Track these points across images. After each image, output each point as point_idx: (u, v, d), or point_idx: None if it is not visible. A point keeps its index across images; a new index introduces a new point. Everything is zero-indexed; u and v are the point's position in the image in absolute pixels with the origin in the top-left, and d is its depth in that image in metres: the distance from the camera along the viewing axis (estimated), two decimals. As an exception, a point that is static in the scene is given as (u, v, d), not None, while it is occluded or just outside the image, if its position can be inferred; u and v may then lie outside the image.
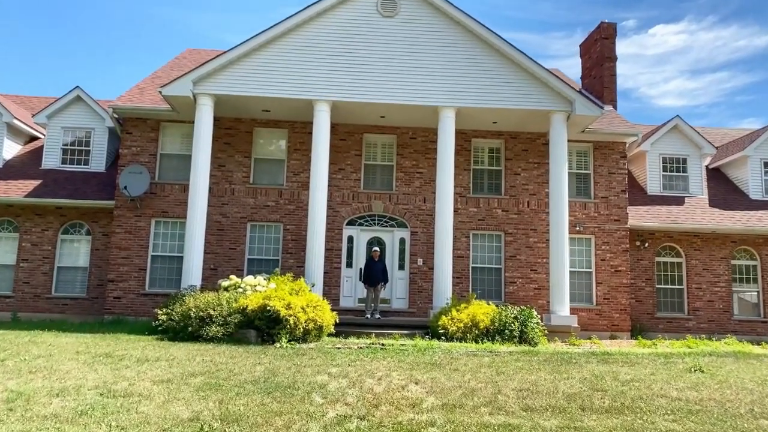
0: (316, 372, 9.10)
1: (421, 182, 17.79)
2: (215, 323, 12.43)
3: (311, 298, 13.02)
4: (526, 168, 18.06)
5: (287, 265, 17.22)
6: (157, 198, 17.41)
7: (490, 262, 17.77)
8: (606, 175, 18.20)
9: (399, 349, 12.00)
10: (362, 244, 17.53)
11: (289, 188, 17.60)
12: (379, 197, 17.62)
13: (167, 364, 9.38)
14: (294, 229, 17.42)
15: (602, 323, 17.46)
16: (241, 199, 17.48)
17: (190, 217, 15.46)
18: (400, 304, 17.31)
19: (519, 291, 17.50)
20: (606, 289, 17.68)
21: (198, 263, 15.37)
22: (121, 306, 16.87)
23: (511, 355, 11.84)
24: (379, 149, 18.08)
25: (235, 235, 17.34)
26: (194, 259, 15.32)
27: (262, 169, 17.80)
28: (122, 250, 17.12)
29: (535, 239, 17.76)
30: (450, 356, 11.35)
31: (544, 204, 17.88)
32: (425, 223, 17.59)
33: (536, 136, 18.18)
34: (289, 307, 12.41)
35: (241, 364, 9.59)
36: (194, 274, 15.25)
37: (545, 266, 17.59)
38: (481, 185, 18.12)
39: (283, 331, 12.25)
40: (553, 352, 12.41)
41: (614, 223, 17.95)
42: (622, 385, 8.97)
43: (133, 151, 17.57)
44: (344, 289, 17.31)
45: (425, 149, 17.93)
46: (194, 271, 15.27)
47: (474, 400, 7.68)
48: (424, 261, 17.41)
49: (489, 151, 18.28)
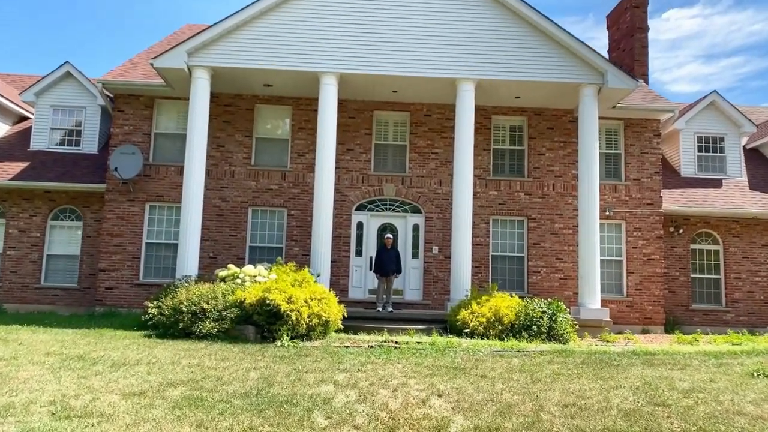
0: (319, 380, 7.63)
1: (436, 163, 16.22)
2: (209, 318, 10.99)
3: (316, 290, 11.53)
4: (551, 147, 16.43)
5: (292, 254, 15.75)
6: (152, 181, 15.95)
7: (511, 250, 16.20)
8: (638, 155, 16.53)
9: (415, 349, 10.52)
10: (373, 230, 16.02)
11: (293, 170, 16.09)
12: (391, 180, 16.09)
13: (146, 369, 7.94)
14: (299, 215, 15.93)
15: (633, 316, 15.89)
16: (242, 182, 15.99)
17: (186, 201, 14.00)
18: (413, 296, 15.81)
19: (543, 281, 15.95)
20: (638, 279, 16.08)
21: (194, 251, 13.93)
22: (114, 297, 15.49)
23: (542, 356, 10.32)
24: (390, 128, 16.50)
25: (235, 220, 15.87)
26: (190, 246, 13.88)
27: (265, 149, 16.28)
28: (114, 237, 15.71)
29: (560, 225, 16.16)
30: (474, 357, 9.85)
31: (571, 187, 16.26)
32: (441, 207, 16.04)
33: (562, 113, 16.52)
34: (290, 301, 10.94)
35: (233, 369, 8.13)
36: (190, 263, 13.82)
37: (572, 254, 16.02)
38: (502, 167, 16.52)
39: (284, 327, 10.79)
40: (589, 352, 10.88)
41: (647, 208, 16.31)
42: (684, 398, 7.44)
43: (125, 131, 16.10)
44: (353, 279, 15.83)
45: (441, 127, 16.33)
46: (190, 260, 13.83)
47: (513, 422, 6.17)
48: (440, 249, 15.89)
49: (511, 129, 16.65)
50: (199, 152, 14.11)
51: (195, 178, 14.03)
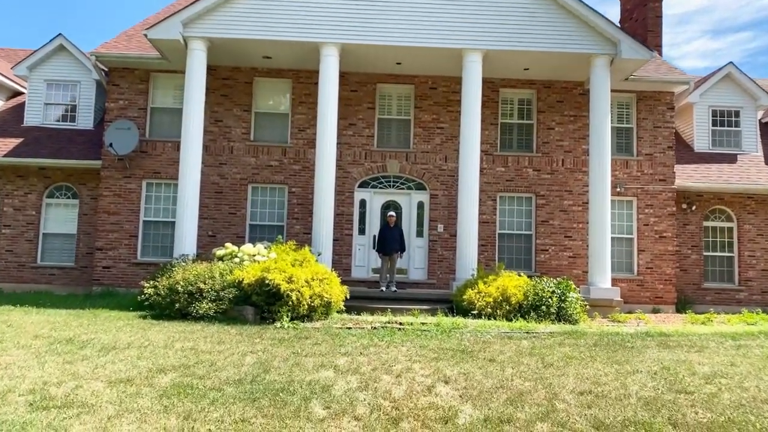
0: (319, 365, 7.19)
1: (442, 138, 15.63)
2: (206, 299, 10.55)
3: (317, 269, 11.07)
4: (560, 122, 15.81)
5: (293, 232, 15.28)
6: (148, 157, 15.43)
7: (519, 227, 15.68)
8: (650, 129, 15.90)
9: (420, 330, 10.08)
10: (376, 208, 15.51)
11: (294, 146, 15.54)
12: (395, 156, 15.52)
13: (137, 353, 7.52)
14: (300, 192, 15.41)
15: (644, 295, 15.41)
16: (241, 159, 15.46)
17: (183, 178, 13.50)
18: (418, 275, 15.35)
19: (551, 260, 15.45)
20: (649, 257, 15.56)
21: (192, 229, 13.46)
22: (111, 276, 15.08)
23: (552, 337, 9.87)
24: (394, 101, 15.89)
25: (234, 198, 15.37)
26: (187, 224, 13.41)
27: (264, 124, 15.71)
28: (111, 215, 15.25)
29: (570, 202, 15.61)
30: (481, 339, 9.40)
31: (581, 162, 15.68)
32: (446, 184, 15.49)
33: (573, 86, 15.86)
34: (290, 281, 10.48)
35: (228, 353, 7.70)
36: (188, 241, 13.36)
37: (581, 232, 15.49)
38: (509, 141, 15.92)
39: (284, 308, 10.35)
40: (601, 333, 10.42)
41: (659, 184, 15.73)
42: (706, 383, 6.97)
43: (121, 105, 15.54)
44: (356, 258, 15.36)
45: (447, 101, 15.71)
46: (188, 239, 13.37)
47: (525, 411, 5.72)
48: (446, 227, 15.38)
49: (519, 102, 16.02)
50: (195, 127, 13.57)
51: (192, 154, 13.51)
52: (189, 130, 13.52)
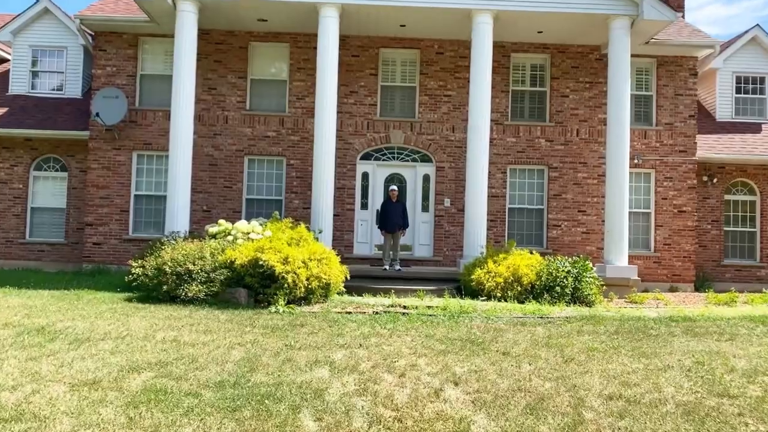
0: (313, 361, 6.38)
1: (449, 107, 14.61)
2: (196, 281, 9.74)
3: (315, 249, 10.22)
4: (575, 89, 14.75)
5: (292, 207, 14.41)
6: (139, 127, 14.50)
7: (530, 201, 14.76)
8: (671, 97, 14.82)
9: (425, 315, 9.27)
10: (379, 181, 14.60)
11: (292, 115, 14.56)
12: (399, 126, 14.54)
13: (112, 347, 6.73)
14: (299, 164, 14.49)
15: (661, 273, 14.54)
16: (237, 129, 14.51)
17: (173, 150, 12.59)
18: (423, 252, 14.51)
19: (564, 236, 14.56)
20: (666, 232, 14.65)
21: (184, 205, 12.61)
22: (102, 253, 14.31)
23: (569, 323, 9.04)
24: (398, 67, 14.83)
25: (230, 171, 14.47)
26: (179, 199, 12.54)
27: (261, 92, 14.71)
28: (100, 189, 14.40)
29: (584, 174, 14.64)
30: (492, 327, 8.58)
31: (597, 132, 14.66)
32: (454, 156, 14.53)
33: (588, 50, 14.75)
34: (286, 262, 9.65)
35: (213, 345, 6.90)
36: (179, 218, 12.52)
37: (595, 206, 14.57)
38: (521, 110, 14.89)
39: (279, 291, 9.54)
40: (621, 318, 9.59)
41: (679, 155, 14.72)
42: (749, 383, 6.14)
43: (108, 72, 14.55)
44: (358, 234, 14.51)
45: (454, 67, 14.64)
46: (179, 215, 12.52)
47: (549, 424, 4.90)
48: (453, 201, 14.47)
49: (531, 68, 14.93)
50: (186, 94, 12.60)
51: (183, 124, 12.57)
52: (179, 98, 12.56)
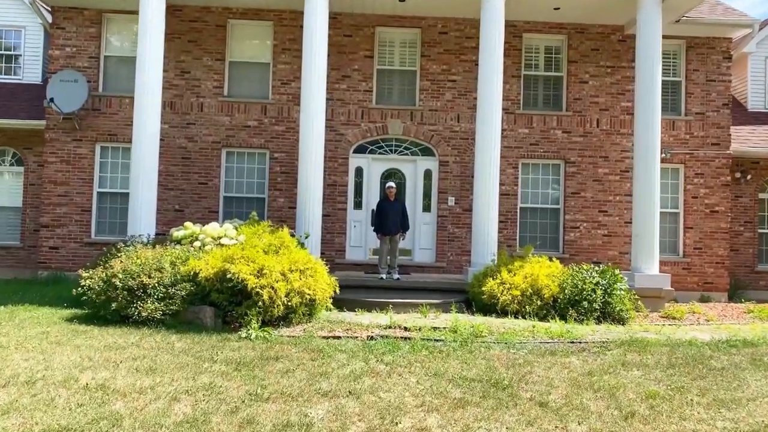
0: (283, 423, 4.54)
1: (453, 94, 12.78)
2: (152, 297, 7.88)
3: (298, 257, 8.35)
4: (595, 74, 12.93)
5: (276, 206, 12.57)
6: (102, 116, 12.61)
7: (544, 200, 12.95)
8: (702, 83, 13.03)
9: (431, 341, 7.45)
10: (375, 177, 12.77)
11: (276, 102, 12.70)
12: (398, 115, 12.71)
13: (11, 399, 4.88)
14: (284, 158, 12.64)
15: (691, 281, 12.77)
16: (213, 118, 12.64)
17: (137, 140, 10.69)
18: (424, 257, 12.69)
19: (582, 239, 12.76)
20: (697, 235, 12.87)
21: (149, 204, 10.73)
22: (60, 259, 12.43)
23: (607, 351, 7.24)
24: (397, 49, 12.98)
25: (205, 165, 12.61)
26: (143, 197, 10.66)
27: (241, 76, 12.84)
28: (58, 186, 12.51)
29: (605, 170, 12.85)
30: (516, 358, 6.77)
31: (619, 123, 12.87)
32: (459, 149, 12.71)
33: (610, 30, 12.94)
34: (261, 274, 7.81)
35: (154, 394, 5.05)
36: (144, 219, 10.64)
37: (618, 206, 12.78)
38: (534, 97, 13.07)
39: (252, 310, 7.70)
40: (668, 342, 7.79)
41: (712, 148, 12.94)
42: None
43: (67, 53, 12.64)
44: (351, 237, 12.68)
45: (460, 48, 12.81)
46: (144, 216, 10.65)
47: None
48: (458, 200, 12.66)
49: (546, 51, 13.09)
50: (152, 76, 10.71)
51: (148, 111, 10.68)
52: (144, 80, 10.68)
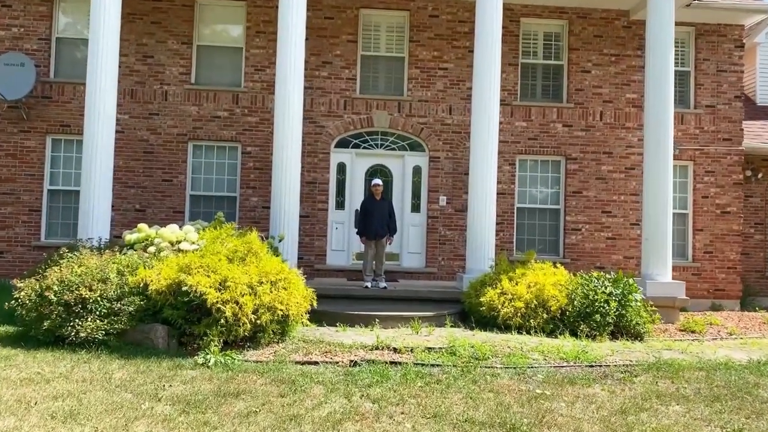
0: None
1: (445, 83, 11.57)
2: (93, 313, 6.54)
3: (269, 266, 7.04)
4: (598, 63, 11.81)
5: (248, 206, 11.26)
6: (54, 104, 11.19)
7: (543, 200, 11.79)
8: (713, 74, 11.97)
9: (426, 365, 6.22)
10: (359, 174, 11.51)
11: (249, 91, 11.39)
12: (384, 106, 11.47)
13: None
14: (257, 152, 11.33)
15: (701, 288, 11.68)
16: (179, 107, 11.29)
17: (89, 132, 9.29)
18: (413, 262, 11.46)
19: (584, 242, 11.63)
20: (708, 238, 11.81)
21: (103, 203, 9.34)
22: (5, 264, 10.98)
23: (633, 377, 6.07)
24: (383, 33, 11.74)
25: (170, 160, 11.25)
26: (96, 196, 9.27)
27: (210, 62, 11.50)
28: (3, 182, 11.06)
29: (609, 167, 11.73)
30: (529, 391, 5.57)
31: (624, 116, 11.76)
32: (451, 143, 11.50)
33: (615, 15, 11.83)
34: (224, 287, 6.50)
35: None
36: (97, 219, 9.26)
37: (622, 206, 11.67)
38: (532, 88, 11.90)
39: (213, 329, 6.40)
40: (700, 365, 6.64)
41: (723, 144, 11.88)
42: None
43: (14, 34, 11.20)
44: (332, 240, 11.40)
45: (452, 33, 11.60)
46: (97, 216, 9.26)
47: None
48: (449, 200, 11.45)
49: (545, 37, 11.94)
50: (108, 59, 9.34)
51: (103, 98, 9.31)
52: (98, 63, 9.30)
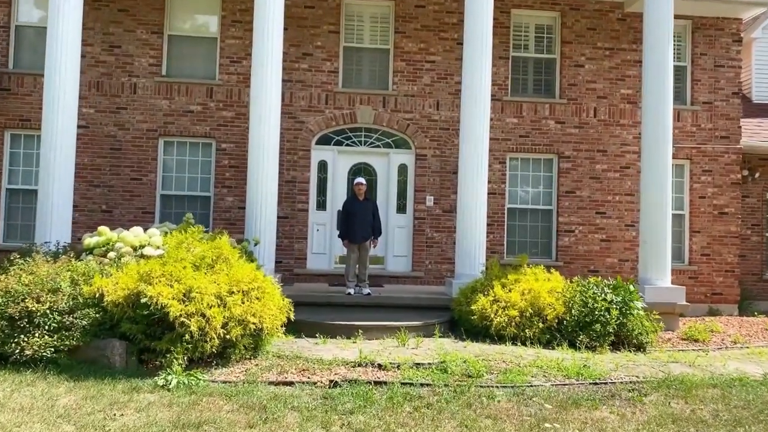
0: None
1: (432, 77, 10.93)
2: (41, 328, 5.80)
3: (240, 274, 6.32)
4: (592, 56, 11.24)
5: (223, 206, 10.52)
6: (13, 97, 10.36)
7: (535, 200, 11.20)
8: (710, 69, 11.46)
9: (414, 384, 5.56)
10: (341, 173, 10.82)
11: (224, 84, 10.65)
12: (368, 100, 10.80)
13: None
14: (233, 149, 10.59)
15: (698, 292, 11.16)
16: (149, 101, 10.51)
17: (47, 126, 8.53)
18: (398, 266, 10.79)
19: (578, 244, 11.06)
20: (705, 240, 11.31)
21: (63, 203, 8.59)
22: (-41, 270, 10.13)
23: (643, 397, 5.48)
24: (367, 24, 11.06)
25: (139, 157, 10.46)
26: (56, 196, 8.52)
27: (182, 53, 10.73)
28: (-43, 182, 10.24)
29: (604, 166, 11.17)
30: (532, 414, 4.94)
31: (619, 112, 11.21)
32: (439, 140, 10.86)
33: (609, 7, 11.27)
34: (189, 298, 5.79)
35: None
36: (57, 221, 8.49)
37: (617, 207, 11.13)
38: (524, 82, 11.30)
39: (177, 346, 5.68)
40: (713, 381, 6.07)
41: (721, 142, 11.39)
42: None
43: (-31, 21, 10.38)
44: (313, 243, 10.69)
45: (439, 24, 10.96)
46: (57, 217, 8.50)
47: None
48: (437, 200, 10.80)
49: (537, 30, 11.34)
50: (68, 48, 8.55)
51: (64, 89, 8.53)
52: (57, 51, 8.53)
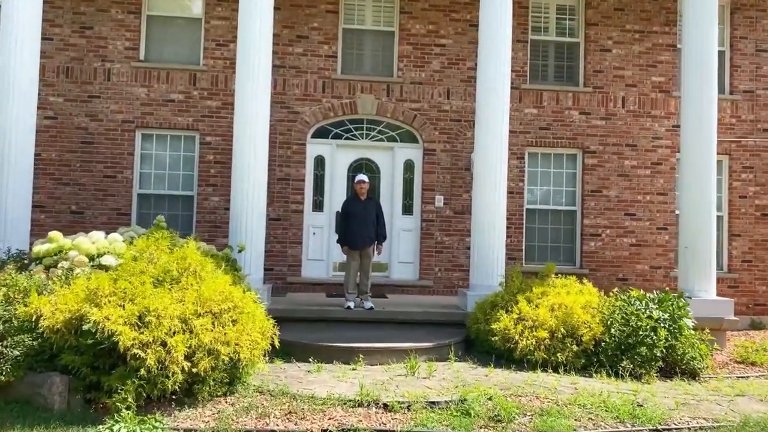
0: None
1: (442, 62, 9.70)
2: (-38, 360, 4.62)
3: (210, 291, 5.05)
4: (620, 40, 10.00)
5: (208, 206, 9.30)
6: (-28, 86, 9.19)
7: (556, 201, 9.96)
8: (751, 54, 10.22)
9: None
10: (340, 170, 9.60)
11: (209, 69, 9.44)
12: (370, 88, 9.57)
13: None
14: (219, 143, 9.38)
15: (739, 302, 9.80)
16: (125, 89, 9.30)
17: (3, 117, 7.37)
18: (405, 273, 9.56)
19: (605, 249, 9.81)
20: (746, 245, 10.06)
21: (18, 203, 7.40)
22: None
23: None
24: (369, 3, 9.83)
25: (114, 152, 9.25)
26: (10, 196, 7.33)
27: (162, 35, 9.52)
28: None
29: (633, 162, 9.92)
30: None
31: (650, 102, 9.97)
32: (449, 133, 9.63)
33: (640, -15, 10.07)
34: (144, 323, 4.56)
35: None
36: (10, 225, 7.31)
37: (648, 207, 9.89)
38: (544, 69, 10.06)
39: (128, 383, 4.45)
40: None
41: (764, 135, 10.15)
42: None
43: None
44: (309, 247, 9.46)
45: (450, 4, 9.73)
46: (11, 221, 7.32)
47: None
48: (447, 200, 9.57)
49: (558, 11, 10.10)
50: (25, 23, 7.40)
51: (19, 71, 7.36)
52: (13, 32, 7.37)
